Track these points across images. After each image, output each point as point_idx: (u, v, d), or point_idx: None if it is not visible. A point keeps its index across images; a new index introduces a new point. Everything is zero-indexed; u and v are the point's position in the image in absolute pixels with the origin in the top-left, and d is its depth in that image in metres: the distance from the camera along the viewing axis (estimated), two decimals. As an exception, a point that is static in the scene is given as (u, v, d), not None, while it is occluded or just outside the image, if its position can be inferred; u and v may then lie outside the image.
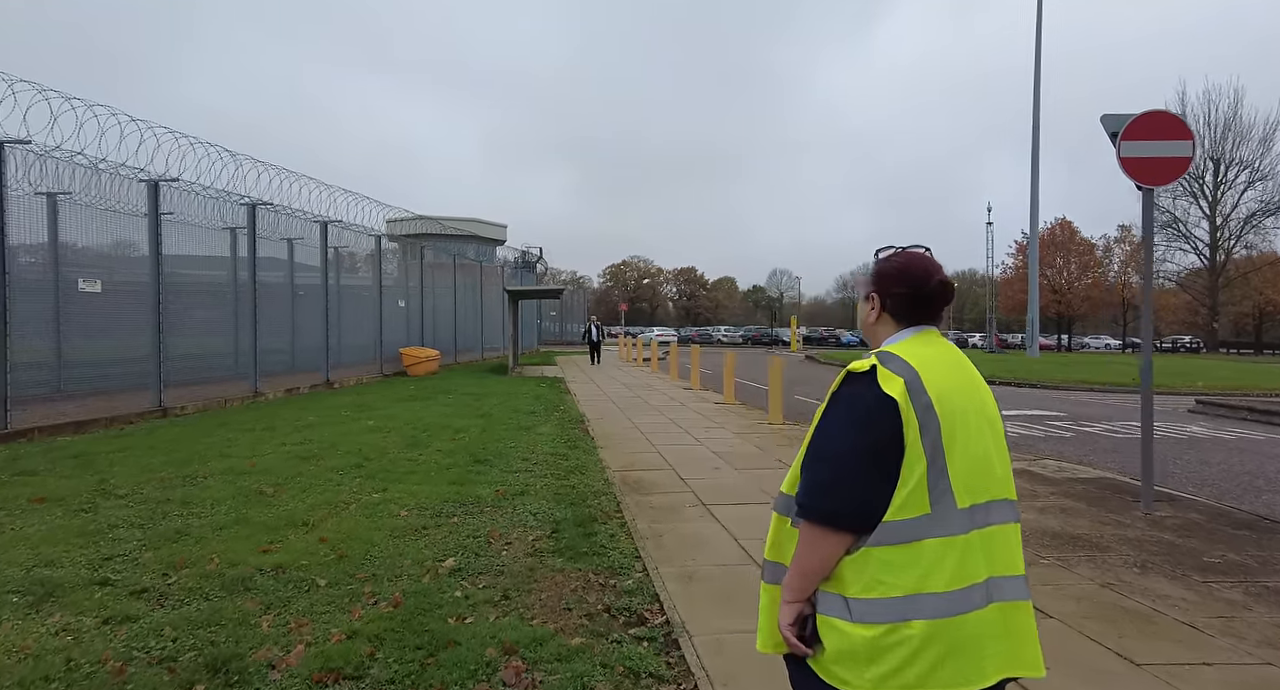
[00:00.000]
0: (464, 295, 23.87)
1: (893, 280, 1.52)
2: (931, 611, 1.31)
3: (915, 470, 1.34)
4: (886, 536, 1.34)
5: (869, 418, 1.35)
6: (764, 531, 4.93)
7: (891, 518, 1.34)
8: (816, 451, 1.40)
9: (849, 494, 1.35)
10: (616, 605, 3.48)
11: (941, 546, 1.33)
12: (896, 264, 1.53)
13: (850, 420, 1.37)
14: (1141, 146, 5.21)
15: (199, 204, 12.17)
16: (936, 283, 1.50)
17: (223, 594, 3.49)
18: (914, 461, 1.34)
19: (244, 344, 12.95)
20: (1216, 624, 3.33)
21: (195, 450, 7.12)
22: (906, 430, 1.35)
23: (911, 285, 1.50)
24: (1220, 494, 6.56)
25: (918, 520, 1.33)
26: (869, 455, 1.34)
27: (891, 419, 1.35)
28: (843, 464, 1.35)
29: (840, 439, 1.37)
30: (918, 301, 1.51)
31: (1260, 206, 45.99)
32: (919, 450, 1.34)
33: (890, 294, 1.52)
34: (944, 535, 1.34)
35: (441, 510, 5.08)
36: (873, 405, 1.36)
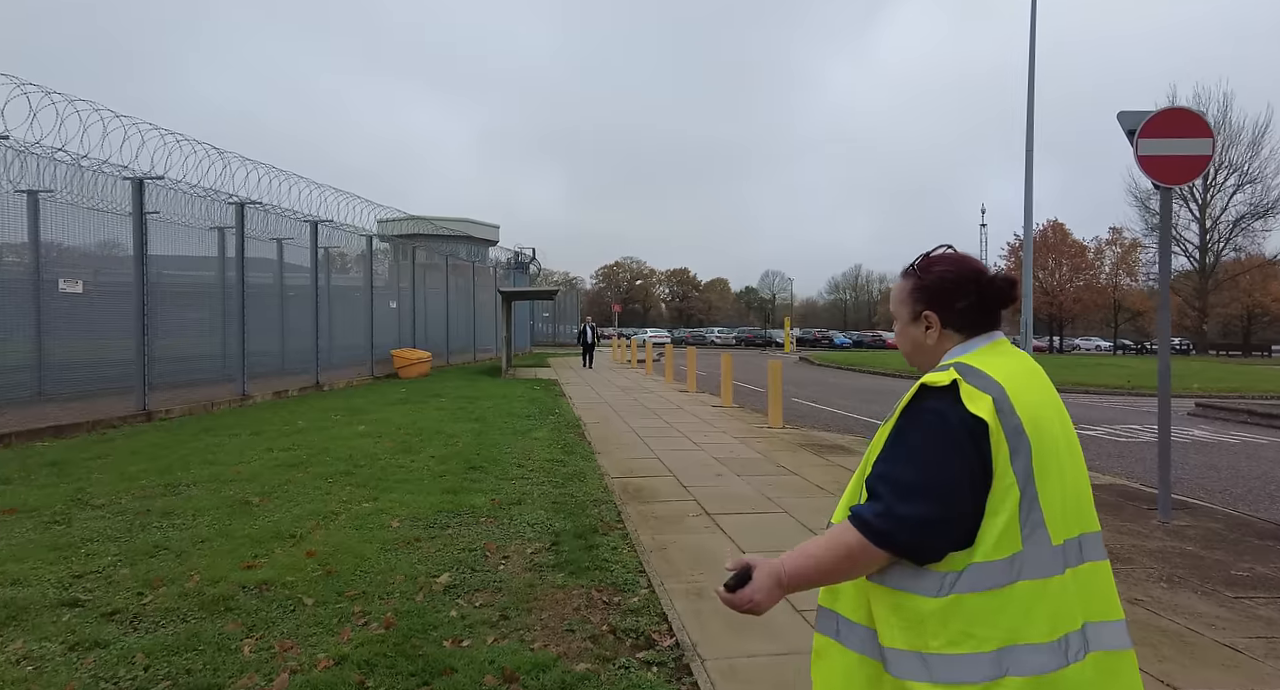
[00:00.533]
0: (456, 296, 23.60)
1: (953, 293, 1.33)
2: (1028, 667, 1.12)
3: (1006, 502, 1.15)
4: (979, 580, 1.15)
5: (955, 441, 1.16)
6: (773, 543, 4.71)
7: (984, 558, 1.15)
8: (895, 479, 1.20)
9: (931, 526, 1.16)
10: (622, 626, 3.28)
11: (1036, 590, 1.15)
12: (950, 274, 1.34)
13: (934, 444, 1.18)
14: (1160, 144, 5.05)
15: (186, 203, 11.90)
16: (1001, 281, 1.31)
17: (202, 615, 3.26)
18: (1004, 492, 1.16)
19: (232, 346, 12.67)
20: (1259, 646, 3.15)
21: (178, 456, 6.87)
22: (995, 456, 1.16)
23: (975, 293, 1.31)
24: (1233, 500, 6.42)
25: (1010, 560, 1.15)
26: (956, 485, 1.16)
27: (980, 443, 1.16)
28: (929, 495, 1.16)
29: (924, 467, 1.18)
30: (984, 308, 1.32)
31: (1249, 209, 46.24)
32: (1010, 479, 1.16)
33: (953, 309, 1.33)
34: (1038, 576, 1.15)
35: (435, 521, 4.86)
36: (958, 427, 1.17)
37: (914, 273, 1.38)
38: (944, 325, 1.35)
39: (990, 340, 1.32)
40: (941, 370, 1.24)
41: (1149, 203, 47.62)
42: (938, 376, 1.22)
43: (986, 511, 1.16)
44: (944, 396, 1.20)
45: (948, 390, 1.20)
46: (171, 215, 11.62)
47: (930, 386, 1.21)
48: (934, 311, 1.35)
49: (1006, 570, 1.14)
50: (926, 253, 1.39)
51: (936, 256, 1.37)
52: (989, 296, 1.31)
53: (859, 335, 59.63)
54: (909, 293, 1.39)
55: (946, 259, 1.36)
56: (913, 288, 1.38)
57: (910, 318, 1.39)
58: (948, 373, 1.22)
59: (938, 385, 1.21)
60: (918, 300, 1.37)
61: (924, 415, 1.20)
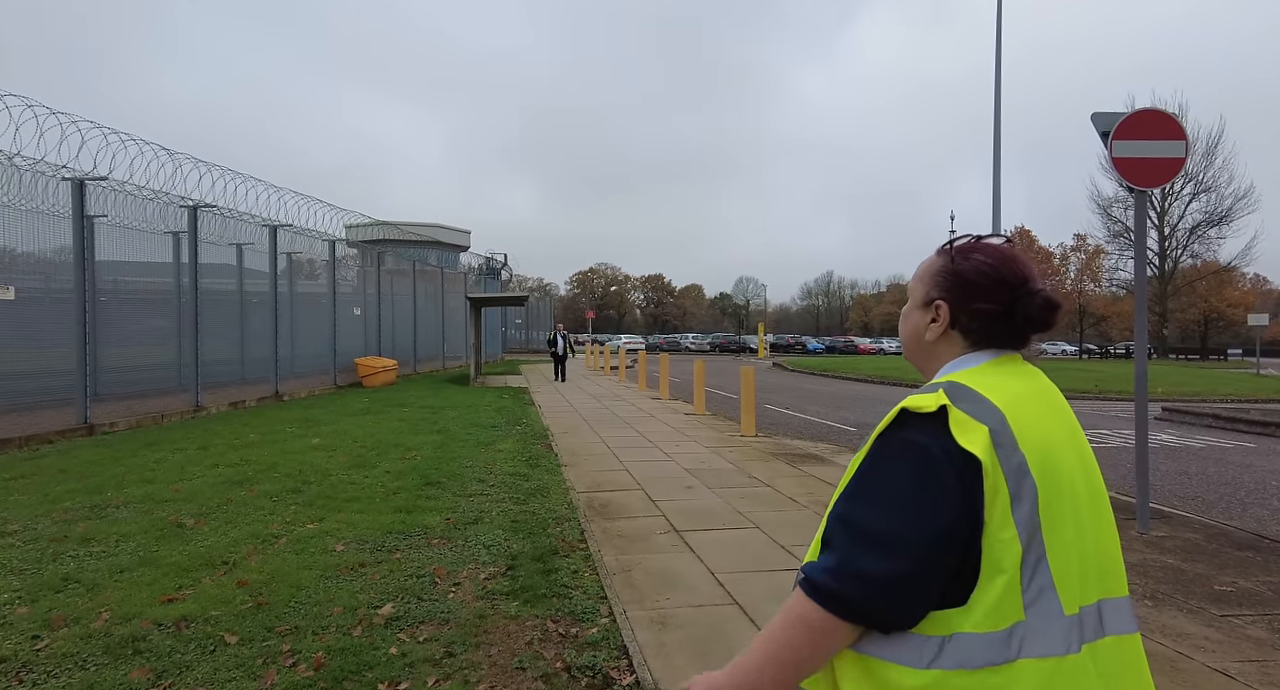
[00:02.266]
0: (425, 303, 23.10)
1: (979, 290, 1.07)
2: None
3: (1005, 561, 0.91)
4: (968, 656, 0.90)
5: (939, 484, 0.92)
6: (743, 561, 4.45)
7: (975, 629, 0.90)
8: (858, 526, 0.95)
9: (902, 590, 0.91)
10: (578, 662, 3.00)
11: (1043, 671, 0.90)
12: (986, 267, 1.08)
13: (910, 485, 0.93)
14: (1134, 146, 4.95)
15: (136, 206, 11.36)
16: (1041, 301, 1.05)
17: (104, 660, 2.91)
18: (1002, 548, 0.91)
19: (187, 355, 12.12)
20: (1251, 671, 2.99)
21: (113, 474, 6.42)
22: (991, 503, 0.92)
23: (1005, 300, 1.05)
24: (1207, 507, 6.35)
25: (1009, 633, 0.90)
26: (934, 539, 0.91)
27: (970, 486, 0.91)
28: (899, 549, 0.91)
29: (896, 512, 0.93)
30: (1008, 324, 1.06)
31: (1204, 217, 47.57)
32: (1009, 531, 0.91)
33: (970, 309, 1.07)
34: (1046, 654, 0.91)
35: (383, 543, 4.53)
36: (944, 465, 0.92)
37: (949, 252, 1.13)
38: (953, 324, 1.09)
39: (999, 355, 1.08)
40: (929, 391, 1.00)
41: (1110, 210, 48.77)
42: (923, 399, 0.97)
43: (981, 572, 0.91)
44: (928, 425, 0.96)
45: (933, 418, 0.96)
46: (121, 219, 11.09)
47: (912, 412, 0.97)
48: (948, 304, 1.09)
49: (1003, 645, 0.90)
50: (978, 237, 1.13)
51: (983, 243, 1.11)
52: (1021, 312, 1.05)
53: (831, 340, 60.06)
54: (933, 273, 1.13)
55: (993, 249, 1.09)
56: (940, 269, 1.12)
57: (922, 301, 1.14)
58: (936, 395, 0.97)
59: (921, 411, 0.96)
60: (937, 284, 1.11)
61: (901, 446, 0.96)
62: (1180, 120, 5.00)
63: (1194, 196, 47.61)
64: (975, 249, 1.11)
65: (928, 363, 1.14)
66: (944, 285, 1.10)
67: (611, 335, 58.66)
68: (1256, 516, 6.07)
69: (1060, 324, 1.09)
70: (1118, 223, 48.57)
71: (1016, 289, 1.06)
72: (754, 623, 3.47)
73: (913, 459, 0.94)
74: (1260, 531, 5.29)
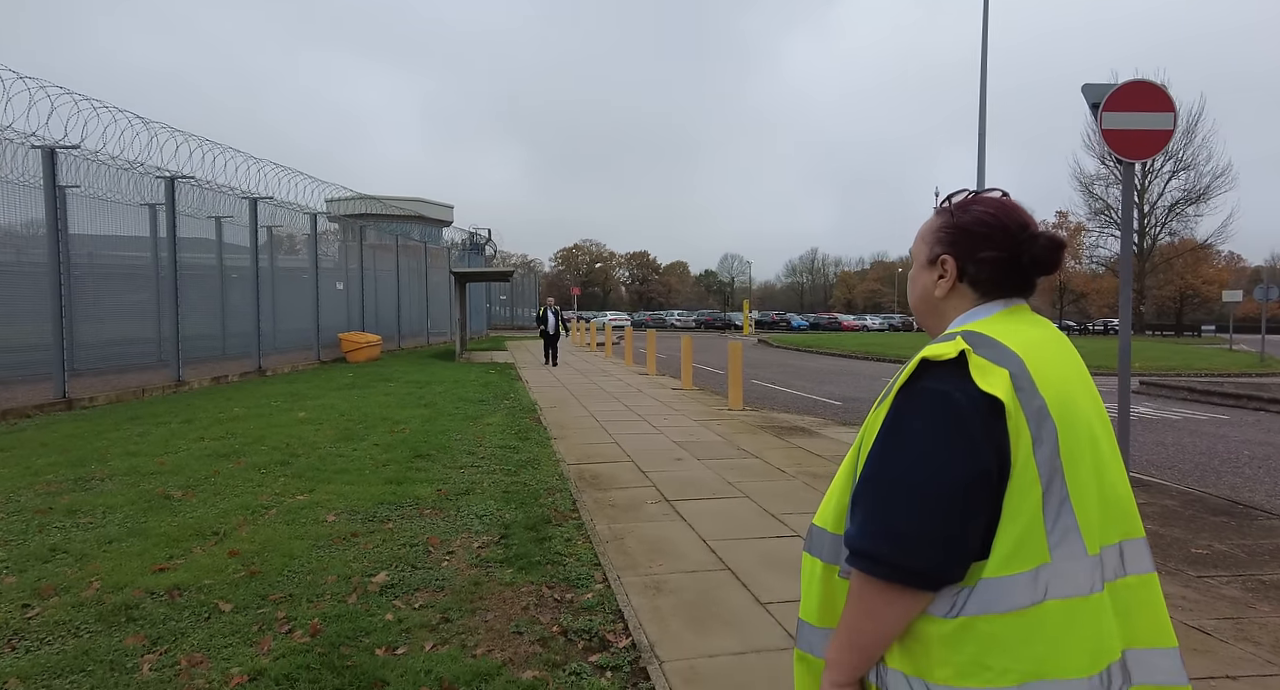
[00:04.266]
0: (408, 278, 22.85)
1: (982, 239, 1.07)
2: None
3: (1027, 501, 0.92)
4: (993, 600, 0.91)
5: (965, 429, 0.92)
6: (733, 529, 4.49)
7: (997, 572, 0.91)
8: (886, 481, 0.95)
9: (942, 543, 0.91)
10: (574, 626, 3.03)
11: (1069, 611, 0.92)
12: (986, 216, 1.08)
13: (937, 433, 0.93)
14: (1124, 118, 4.97)
15: (111, 177, 11.07)
16: (1045, 241, 1.05)
17: (98, 628, 2.89)
18: (1025, 489, 0.92)
19: (166, 330, 11.92)
20: (1227, 627, 3.09)
21: (96, 447, 6.34)
22: (1015, 445, 0.92)
23: (1009, 246, 1.06)
24: (1183, 476, 6.51)
25: (1035, 574, 0.91)
26: (968, 485, 0.90)
27: (996, 429, 0.92)
28: (932, 501, 0.91)
29: (924, 463, 0.92)
30: (1014, 268, 1.07)
31: (1183, 195, 48.05)
32: (1031, 473, 0.92)
33: (976, 259, 1.07)
34: (1071, 594, 0.92)
35: (375, 513, 4.53)
36: (968, 410, 0.92)
37: (948, 209, 1.13)
38: (961, 277, 1.09)
39: (1010, 305, 1.08)
40: (946, 340, 1.00)
41: (1092, 187, 49.10)
42: (941, 348, 0.97)
43: (1004, 515, 0.92)
44: (949, 372, 0.95)
45: (954, 365, 0.96)
46: (95, 190, 10.81)
47: (932, 361, 0.97)
48: (953, 257, 1.09)
49: (1030, 587, 0.91)
50: (973, 190, 1.13)
51: (981, 196, 1.12)
52: (1026, 255, 1.06)
53: (815, 317, 60.33)
54: (934, 231, 1.13)
55: (990, 201, 1.10)
56: (940, 226, 1.12)
57: (927, 260, 1.14)
58: (954, 342, 0.97)
59: (942, 359, 0.96)
60: (940, 240, 1.12)
61: (924, 397, 0.95)
62: (1169, 90, 5.01)
63: (1173, 174, 48.06)
64: (973, 202, 1.11)
65: (939, 321, 1.14)
66: (947, 240, 1.11)
67: (597, 312, 58.51)
68: (1230, 484, 6.24)
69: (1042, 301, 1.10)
70: (1099, 200, 48.99)
71: (1018, 234, 1.06)
72: (745, 587, 3.52)
73: (938, 407, 0.94)
74: (1234, 498, 5.44)
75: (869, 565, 0.94)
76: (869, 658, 0.98)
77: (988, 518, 0.92)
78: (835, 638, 1.01)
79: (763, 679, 2.63)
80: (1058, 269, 1.09)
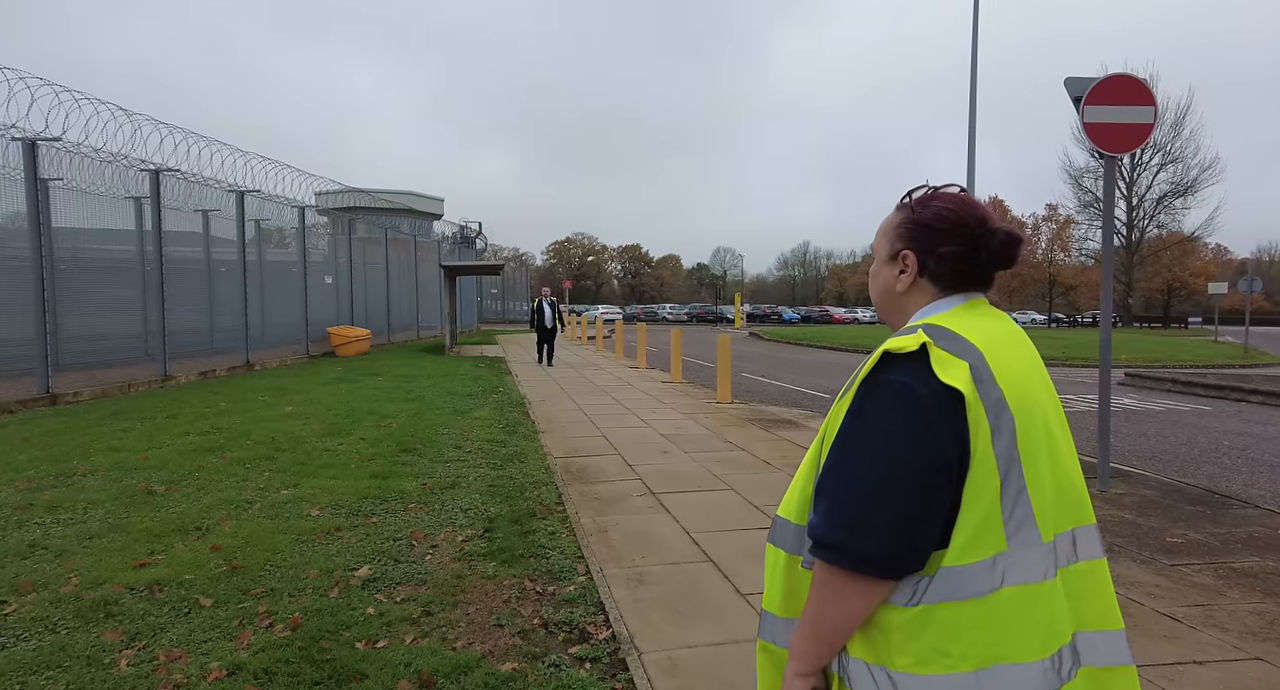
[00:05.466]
0: (398, 271, 22.75)
1: (942, 234, 1.09)
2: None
3: (986, 491, 0.94)
4: (952, 588, 0.93)
5: (927, 420, 0.94)
6: (717, 521, 4.51)
7: (956, 561, 0.93)
8: (850, 472, 0.97)
9: (904, 533, 0.93)
10: (556, 618, 3.05)
11: (1024, 597, 0.94)
12: (946, 211, 1.10)
13: (900, 425, 0.95)
14: (1105, 112, 4.99)
15: (94, 169, 10.94)
16: (1003, 237, 1.07)
17: (75, 623, 2.89)
18: (983, 479, 0.94)
19: (153, 324, 11.83)
20: (1197, 614, 3.14)
21: (79, 443, 6.30)
22: (974, 435, 0.94)
23: (968, 241, 1.08)
24: (1163, 466, 6.59)
25: (992, 562, 0.93)
26: (930, 477, 0.93)
27: (957, 420, 0.94)
28: (894, 491, 0.93)
29: (886, 454, 0.94)
30: (973, 263, 1.09)
31: (1171, 188, 48.33)
32: (990, 463, 0.94)
33: (936, 254, 1.09)
34: (1026, 581, 0.94)
35: (359, 508, 4.53)
36: (930, 402, 0.94)
37: (908, 205, 1.15)
38: (921, 271, 1.12)
39: (969, 299, 1.11)
40: (907, 333, 1.02)
41: (1081, 180, 49.34)
42: (903, 340, 0.99)
43: (963, 504, 0.94)
44: (911, 365, 0.97)
45: (915, 357, 0.98)
46: (78, 182, 10.69)
47: (894, 354, 0.99)
48: (914, 252, 1.11)
49: (987, 575, 0.93)
50: (933, 186, 1.15)
51: (940, 192, 1.14)
52: (984, 250, 1.08)
53: (807, 311, 60.54)
54: (894, 226, 1.15)
55: (950, 197, 1.12)
56: (901, 221, 1.14)
57: (888, 256, 1.16)
58: (915, 336, 0.99)
59: (903, 351, 0.98)
60: (900, 236, 1.13)
61: (887, 389, 0.97)
62: (1150, 85, 5.04)
63: (1161, 167, 48.34)
64: (933, 198, 1.13)
65: (900, 315, 1.16)
66: (908, 235, 1.12)
67: (589, 306, 58.44)
68: (1208, 474, 6.32)
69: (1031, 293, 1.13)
70: (1088, 193, 49.21)
71: (977, 229, 1.08)
72: (727, 578, 3.55)
73: (900, 399, 0.96)
74: (1211, 487, 5.51)
75: (832, 555, 0.96)
76: (832, 647, 1.00)
77: (948, 507, 0.94)
78: (799, 628, 1.03)
79: (740, 669, 2.65)
80: (1015, 263, 1.11)
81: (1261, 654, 2.79)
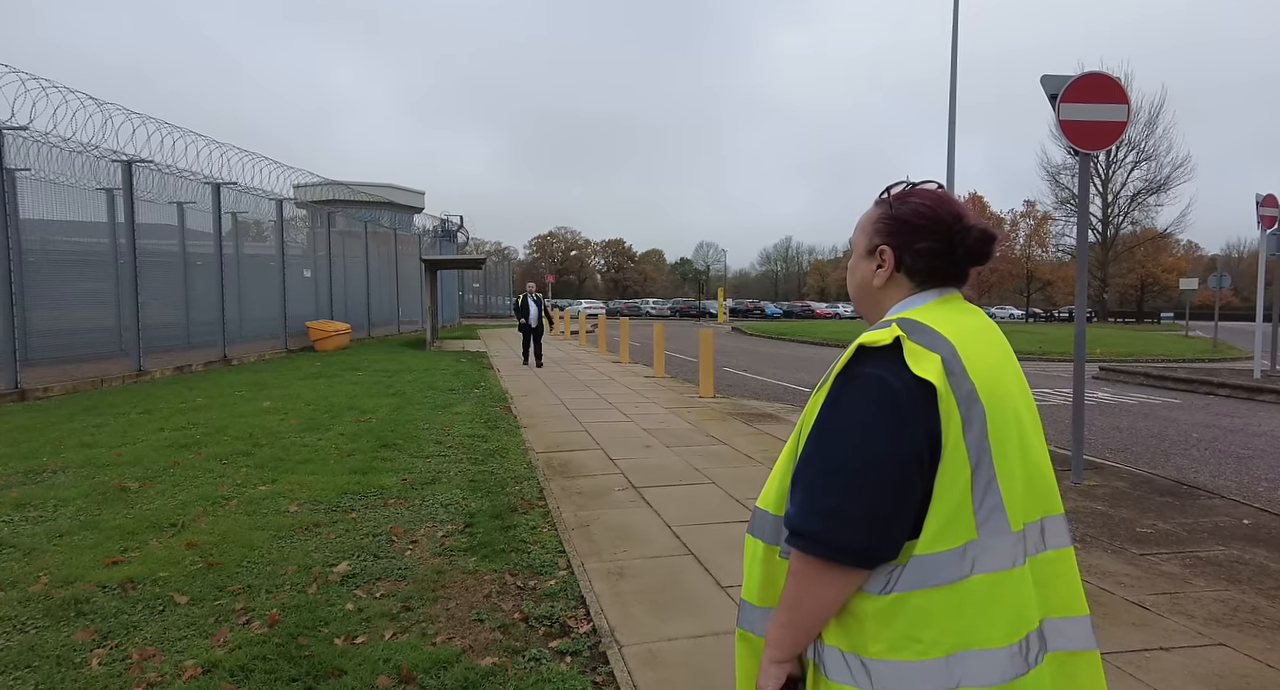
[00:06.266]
0: (378, 265, 22.51)
1: (919, 230, 1.10)
2: (985, 676, 0.94)
3: (957, 481, 0.96)
4: (925, 576, 0.95)
5: (900, 413, 0.96)
6: (698, 515, 4.53)
7: (929, 549, 0.95)
8: (825, 462, 0.99)
9: (880, 523, 0.95)
10: (536, 613, 3.05)
11: (993, 584, 0.96)
12: (923, 208, 1.11)
13: (874, 417, 0.96)
14: (1080, 109, 5.06)
15: (63, 160, 10.69)
16: (977, 233, 1.09)
17: (45, 623, 2.84)
18: (955, 469, 0.96)
19: (127, 318, 11.61)
20: (1164, 603, 3.22)
21: (49, 439, 6.18)
22: (946, 427, 0.96)
23: (944, 236, 1.09)
24: (1135, 458, 6.73)
25: (963, 550, 0.96)
26: (903, 467, 0.95)
27: (929, 412, 0.96)
28: (868, 481, 0.95)
29: (860, 444, 0.96)
30: (949, 259, 1.10)
31: (1145, 185, 49.18)
32: (961, 454, 0.96)
33: (913, 249, 1.11)
34: (996, 569, 0.97)
35: (339, 504, 4.49)
36: (903, 395, 0.96)
37: (887, 201, 1.16)
38: (898, 266, 1.13)
39: (943, 294, 1.12)
40: (882, 327, 1.04)
41: (1059, 177, 50.02)
42: (877, 335, 1.01)
43: (934, 494, 0.96)
44: (885, 358, 0.99)
45: (889, 350, 1.00)
46: (47, 173, 10.45)
47: (869, 347, 1.01)
48: (891, 247, 1.13)
49: (958, 563, 0.95)
50: (913, 183, 1.16)
51: (919, 188, 1.15)
52: (960, 246, 1.10)
53: (789, 305, 60.84)
54: (873, 221, 1.16)
55: (927, 193, 1.13)
56: (879, 216, 1.15)
57: (865, 250, 1.17)
58: (889, 329, 1.01)
59: (878, 345, 1.00)
60: (879, 231, 1.15)
61: (861, 381, 0.99)
62: (1124, 85, 5.12)
63: (1136, 164, 49.14)
64: (910, 194, 1.15)
65: (876, 309, 1.17)
66: (886, 230, 1.14)
67: (572, 300, 58.28)
68: (1177, 465, 6.47)
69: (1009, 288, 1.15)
70: (1065, 189, 49.89)
71: (953, 225, 1.10)
72: (708, 571, 3.57)
73: (874, 391, 0.98)
74: (1180, 479, 5.64)
75: (807, 545, 0.97)
76: (808, 634, 1.02)
77: (920, 497, 0.96)
78: (775, 616, 1.05)
79: (719, 660, 2.67)
80: (989, 260, 1.13)
81: (1224, 639, 2.87)
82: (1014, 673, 0.95)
